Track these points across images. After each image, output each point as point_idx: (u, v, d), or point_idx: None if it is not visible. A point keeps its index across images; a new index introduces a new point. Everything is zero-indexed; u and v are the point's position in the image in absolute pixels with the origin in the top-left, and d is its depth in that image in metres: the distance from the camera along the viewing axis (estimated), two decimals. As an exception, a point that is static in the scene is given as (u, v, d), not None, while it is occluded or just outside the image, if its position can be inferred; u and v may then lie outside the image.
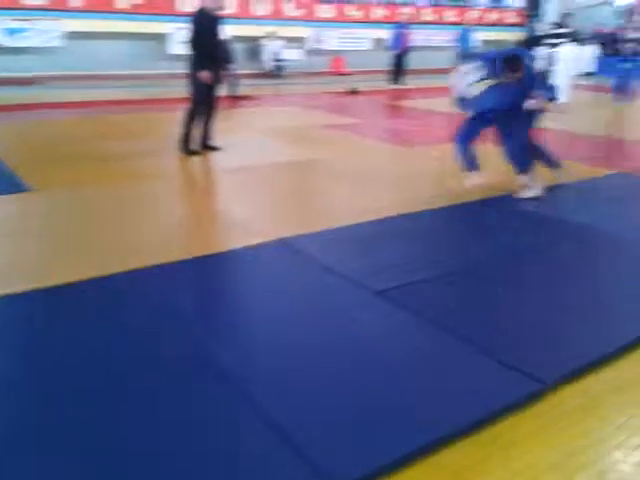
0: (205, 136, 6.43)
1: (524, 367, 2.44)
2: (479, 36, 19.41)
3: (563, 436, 2.12)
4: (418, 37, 18.12)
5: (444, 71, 18.39)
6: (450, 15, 19.10)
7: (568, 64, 10.84)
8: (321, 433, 2.06)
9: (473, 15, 19.69)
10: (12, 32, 12.55)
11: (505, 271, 3.54)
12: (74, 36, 13.20)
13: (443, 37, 18.76)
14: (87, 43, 13.50)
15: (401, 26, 14.23)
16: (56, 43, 13.04)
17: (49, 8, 12.88)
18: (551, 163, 5.23)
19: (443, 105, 11.09)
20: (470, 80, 4.62)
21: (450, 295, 3.18)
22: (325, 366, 2.48)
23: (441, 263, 3.59)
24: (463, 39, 15.97)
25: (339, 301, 3.08)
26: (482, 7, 20.21)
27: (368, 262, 3.56)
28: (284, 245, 3.79)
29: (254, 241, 3.82)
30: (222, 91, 6.99)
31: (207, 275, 3.53)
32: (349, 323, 2.84)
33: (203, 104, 6.22)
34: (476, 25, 16.67)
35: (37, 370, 2.40)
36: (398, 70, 14.19)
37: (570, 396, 2.35)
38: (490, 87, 4.62)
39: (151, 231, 4.09)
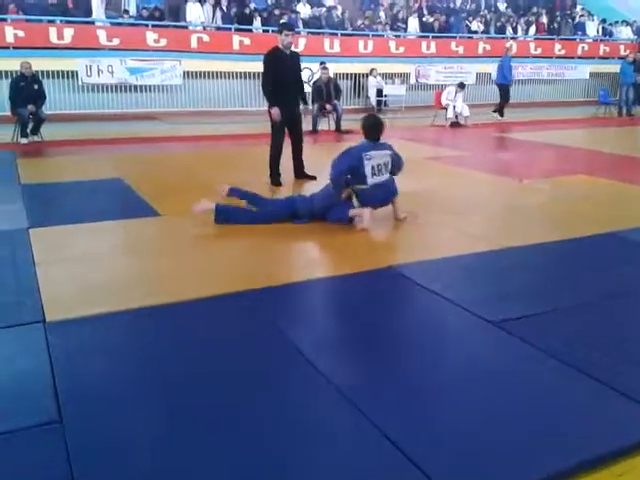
0: (297, 166, 6.86)
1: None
2: (589, 69, 18.88)
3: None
4: (525, 71, 17.88)
5: (551, 104, 17.88)
6: (557, 49, 18.69)
7: None
8: (441, 456, 2.10)
9: (584, 49, 19.10)
10: (137, 71, 13.68)
11: (628, 307, 3.41)
12: (192, 75, 14.21)
13: (550, 70, 18.41)
14: (203, 82, 14.46)
15: (506, 59, 14.19)
16: (176, 82, 14.06)
17: (170, 49, 13.96)
18: None
19: (550, 138, 10.84)
20: None
21: (571, 328, 3.11)
22: (444, 395, 2.51)
23: (560, 296, 3.53)
24: (624, 73, 15.48)
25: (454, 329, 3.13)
26: (591, 40, 19.57)
27: (483, 292, 3.57)
28: (394, 272, 3.89)
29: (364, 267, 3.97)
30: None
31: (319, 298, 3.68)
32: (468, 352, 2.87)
33: (280, 139, 6.57)
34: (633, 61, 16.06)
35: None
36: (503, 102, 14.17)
37: None
38: None
39: (265, 257, 4.34)
